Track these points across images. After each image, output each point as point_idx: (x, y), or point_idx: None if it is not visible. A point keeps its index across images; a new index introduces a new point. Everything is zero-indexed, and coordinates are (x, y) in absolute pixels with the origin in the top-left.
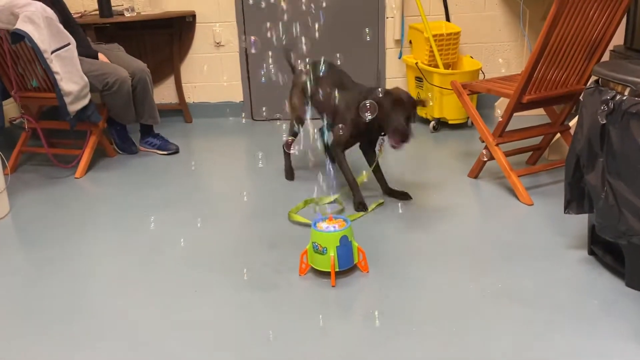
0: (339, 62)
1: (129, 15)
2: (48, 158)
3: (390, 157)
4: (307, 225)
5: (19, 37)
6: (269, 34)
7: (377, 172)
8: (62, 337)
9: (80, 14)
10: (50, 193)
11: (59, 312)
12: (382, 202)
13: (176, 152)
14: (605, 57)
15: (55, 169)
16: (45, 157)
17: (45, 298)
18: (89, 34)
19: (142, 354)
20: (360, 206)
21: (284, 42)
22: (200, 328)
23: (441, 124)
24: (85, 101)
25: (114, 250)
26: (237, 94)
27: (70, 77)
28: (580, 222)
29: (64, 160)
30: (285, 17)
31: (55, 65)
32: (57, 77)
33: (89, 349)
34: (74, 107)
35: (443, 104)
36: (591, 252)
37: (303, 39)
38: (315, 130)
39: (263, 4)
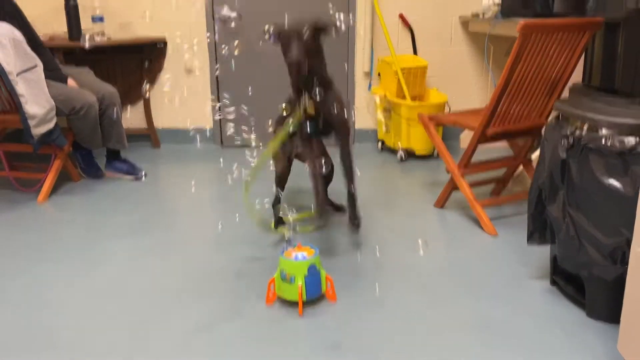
0: None
1: (99, 39)
2: (9, 181)
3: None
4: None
5: None
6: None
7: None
8: None
9: (49, 37)
10: (10, 217)
11: (16, 343)
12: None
13: (143, 177)
14: (565, 93)
15: (16, 193)
16: (6, 180)
17: (3, 328)
18: (57, 57)
19: None
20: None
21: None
22: (165, 358)
23: (408, 155)
24: (51, 125)
25: (76, 278)
26: (206, 121)
27: (36, 100)
28: (542, 253)
29: (26, 184)
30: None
31: (20, 88)
32: (22, 99)
33: None
34: (38, 130)
35: (410, 135)
36: (553, 282)
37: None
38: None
39: (235, 40)
